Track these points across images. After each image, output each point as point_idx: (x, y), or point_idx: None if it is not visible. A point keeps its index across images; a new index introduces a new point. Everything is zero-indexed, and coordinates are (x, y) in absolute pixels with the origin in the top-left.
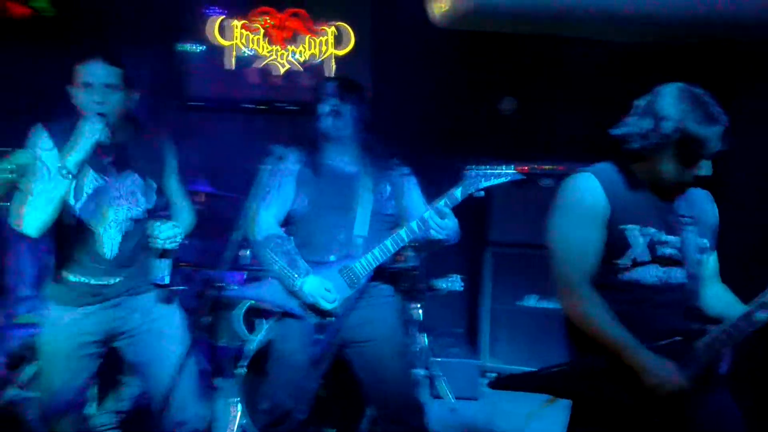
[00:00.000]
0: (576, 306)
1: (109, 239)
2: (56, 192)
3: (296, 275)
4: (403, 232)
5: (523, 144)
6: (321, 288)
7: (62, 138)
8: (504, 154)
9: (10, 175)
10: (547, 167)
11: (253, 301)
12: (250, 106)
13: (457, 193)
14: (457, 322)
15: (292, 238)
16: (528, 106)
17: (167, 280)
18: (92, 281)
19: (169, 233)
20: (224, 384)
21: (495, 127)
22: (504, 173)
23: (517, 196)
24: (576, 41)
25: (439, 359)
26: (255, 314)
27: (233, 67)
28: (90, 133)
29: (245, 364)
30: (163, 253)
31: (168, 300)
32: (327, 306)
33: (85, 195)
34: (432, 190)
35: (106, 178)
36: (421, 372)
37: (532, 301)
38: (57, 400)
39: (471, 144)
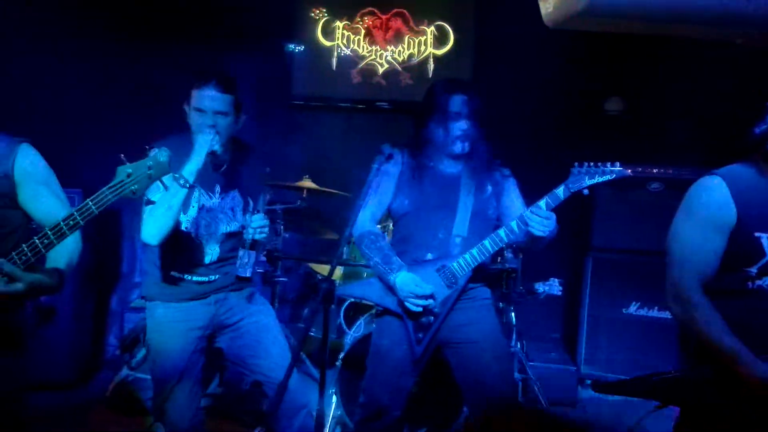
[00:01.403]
0: (688, 312)
1: (209, 250)
2: (174, 200)
3: (389, 270)
4: (501, 232)
5: (632, 146)
6: (412, 283)
7: (179, 150)
8: (610, 156)
9: (149, 171)
10: (655, 170)
11: (353, 298)
12: (350, 105)
13: (560, 191)
14: (554, 327)
15: (385, 234)
16: (637, 106)
17: (249, 273)
18: (194, 278)
19: (260, 222)
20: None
21: (601, 128)
22: (609, 170)
23: (623, 200)
24: (686, 40)
25: (535, 364)
26: (355, 310)
27: (334, 67)
28: (204, 144)
29: (342, 357)
30: (252, 245)
31: (251, 298)
32: (416, 302)
33: (191, 208)
34: (535, 191)
35: (211, 194)
36: (515, 375)
37: (632, 309)
38: (167, 391)
39: (576, 145)
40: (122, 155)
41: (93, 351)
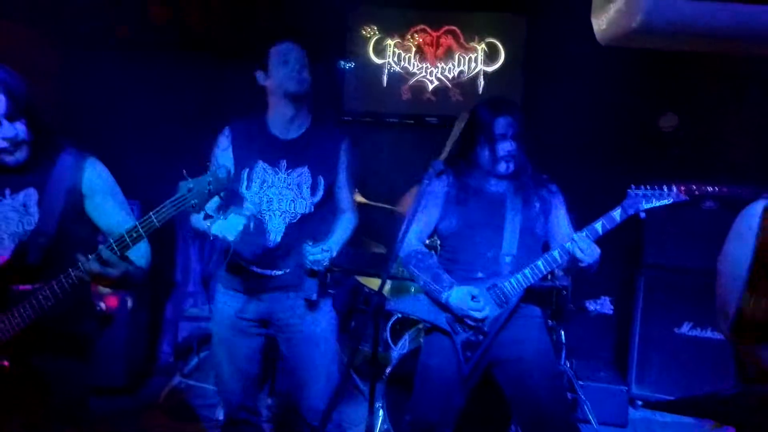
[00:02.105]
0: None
1: (273, 227)
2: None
3: (440, 289)
4: (555, 253)
5: (685, 163)
6: (467, 298)
7: (251, 131)
8: (663, 174)
9: (208, 186)
10: (709, 189)
11: (401, 314)
12: (399, 120)
13: (616, 213)
14: (605, 346)
15: (433, 252)
16: (691, 123)
17: (314, 297)
18: (257, 269)
19: (317, 257)
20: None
21: (655, 145)
22: (666, 194)
23: (676, 217)
24: (742, 57)
25: (585, 383)
26: (401, 325)
27: (385, 84)
28: (236, 225)
29: (389, 371)
30: (312, 272)
31: (313, 307)
32: (477, 316)
33: (254, 183)
34: (586, 209)
35: (276, 169)
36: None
37: (685, 329)
38: (229, 384)
39: (629, 162)
40: (184, 171)
41: (147, 358)
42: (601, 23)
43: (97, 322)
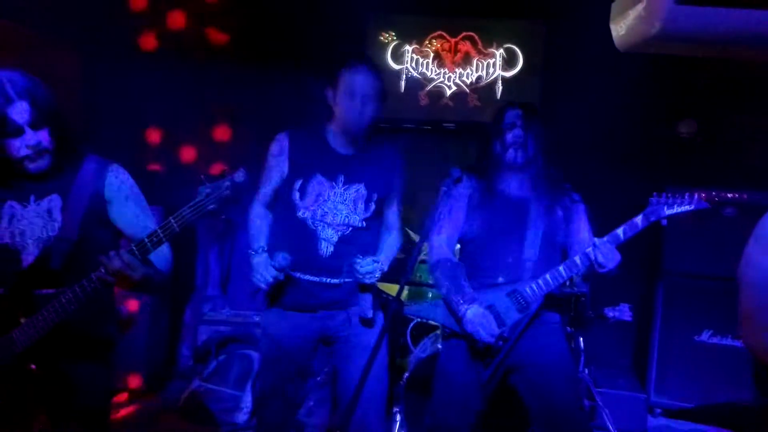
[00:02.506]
0: (761, 342)
1: (325, 238)
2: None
3: (461, 301)
4: (577, 259)
5: (705, 169)
6: (482, 319)
7: (307, 143)
8: (683, 180)
9: (226, 192)
10: (729, 195)
11: (419, 318)
12: (416, 126)
13: (638, 220)
14: (623, 354)
15: (462, 263)
16: (710, 129)
17: (370, 314)
18: (310, 277)
19: (368, 268)
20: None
21: (674, 150)
22: (688, 201)
23: (696, 224)
24: (761, 63)
25: (603, 390)
26: (420, 330)
27: (402, 90)
28: (261, 279)
29: (407, 377)
30: (363, 287)
31: (369, 324)
32: (485, 338)
33: (309, 196)
34: (606, 215)
35: (333, 183)
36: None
37: (705, 337)
38: (272, 398)
39: (648, 168)
40: (202, 176)
41: (166, 361)
42: (620, 29)
43: (119, 325)
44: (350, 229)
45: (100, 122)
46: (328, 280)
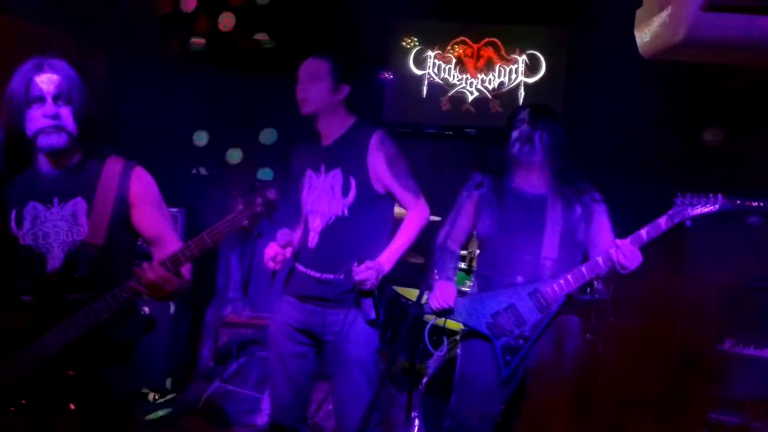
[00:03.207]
0: None
1: (313, 228)
2: None
3: (435, 277)
4: (600, 259)
5: (730, 178)
6: (444, 291)
7: (301, 149)
8: (707, 189)
9: (259, 209)
10: (755, 204)
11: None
12: (438, 131)
13: (662, 221)
14: None
15: (458, 257)
16: (735, 137)
17: (373, 316)
18: (301, 268)
19: (361, 275)
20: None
21: (699, 159)
22: (713, 202)
23: (720, 231)
24: None
25: None
26: (439, 333)
27: (424, 95)
28: None
29: (425, 381)
30: (362, 293)
31: (375, 325)
32: (430, 307)
33: (304, 189)
34: (628, 222)
35: (316, 172)
36: None
37: (727, 345)
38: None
39: (672, 176)
40: (234, 191)
41: (188, 363)
42: (644, 36)
43: (141, 327)
44: (333, 218)
45: (144, 124)
46: (314, 273)
